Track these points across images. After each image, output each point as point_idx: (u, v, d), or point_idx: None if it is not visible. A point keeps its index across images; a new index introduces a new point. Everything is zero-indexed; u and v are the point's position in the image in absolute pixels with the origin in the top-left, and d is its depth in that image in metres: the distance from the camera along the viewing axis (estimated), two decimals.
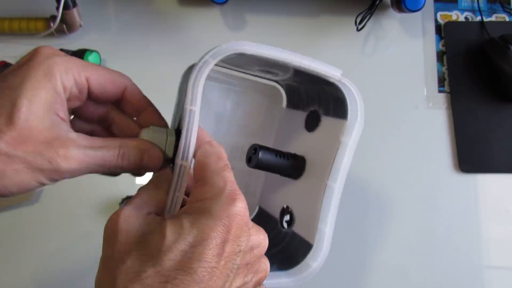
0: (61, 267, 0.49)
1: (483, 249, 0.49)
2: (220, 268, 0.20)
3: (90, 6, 0.57)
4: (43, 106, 0.22)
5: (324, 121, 0.34)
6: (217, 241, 0.20)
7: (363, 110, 0.31)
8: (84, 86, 0.25)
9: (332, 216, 0.30)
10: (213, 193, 0.22)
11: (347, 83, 0.31)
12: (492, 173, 0.52)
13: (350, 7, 0.56)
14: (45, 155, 0.21)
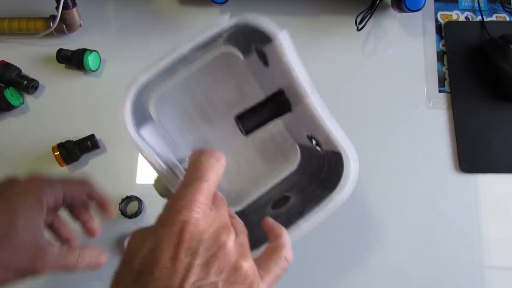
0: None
1: (483, 249, 0.49)
2: (177, 267, 0.23)
3: (90, 6, 0.57)
4: (34, 226, 0.30)
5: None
6: (171, 244, 0.23)
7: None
8: (60, 201, 0.34)
9: (331, 123, 0.33)
10: (176, 200, 0.25)
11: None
12: (493, 173, 0.52)
13: (350, 7, 0.56)
14: (30, 264, 0.30)
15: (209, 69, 0.39)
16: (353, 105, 0.54)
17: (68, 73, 0.55)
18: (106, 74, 0.55)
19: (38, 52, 0.56)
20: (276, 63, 0.33)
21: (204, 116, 0.40)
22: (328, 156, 0.35)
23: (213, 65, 0.39)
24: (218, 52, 0.39)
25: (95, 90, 0.55)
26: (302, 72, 0.32)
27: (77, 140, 0.51)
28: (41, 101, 0.54)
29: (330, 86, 0.55)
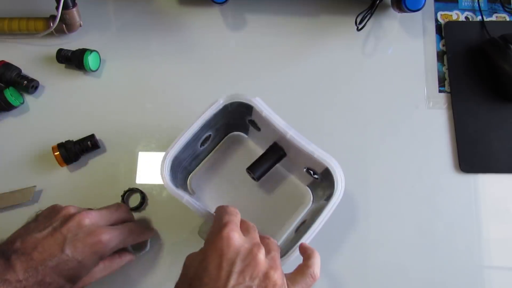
0: None
1: (483, 249, 0.49)
2: (221, 275, 0.30)
3: (90, 6, 0.57)
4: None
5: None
6: (215, 257, 0.31)
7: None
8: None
9: (312, 146, 0.41)
10: (213, 228, 0.34)
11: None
12: (493, 173, 0.52)
13: (350, 7, 0.56)
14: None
15: (223, 148, 0.52)
16: (353, 105, 0.54)
17: (68, 73, 0.55)
18: (106, 74, 0.55)
19: (38, 52, 0.56)
20: (262, 122, 0.43)
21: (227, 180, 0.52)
22: (324, 177, 0.43)
23: (225, 144, 0.53)
24: (227, 137, 0.53)
25: (95, 90, 0.55)
26: (278, 119, 0.41)
27: (77, 140, 0.51)
28: (41, 101, 0.54)
29: (330, 86, 0.55)
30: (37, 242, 0.36)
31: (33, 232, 0.37)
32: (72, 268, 0.37)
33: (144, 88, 0.55)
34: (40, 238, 0.37)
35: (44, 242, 0.36)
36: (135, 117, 0.53)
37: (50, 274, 0.35)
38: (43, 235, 0.37)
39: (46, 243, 0.36)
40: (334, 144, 0.52)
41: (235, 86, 0.55)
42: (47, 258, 0.36)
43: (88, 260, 0.37)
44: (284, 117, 0.53)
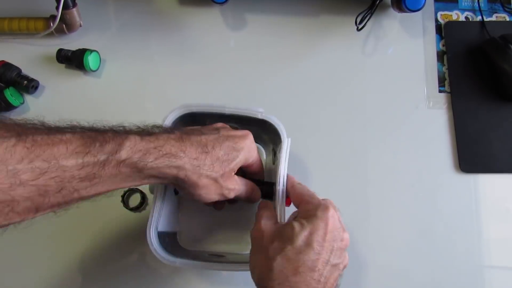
0: (62, 267, 0.49)
1: (483, 249, 0.49)
2: (325, 246, 0.34)
3: (90, 6, 0.57)
4: (239, 166, 0.39)
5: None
6: (322, 231, 0.35)
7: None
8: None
9: (247, 109, 0.43)
10: (315, 206, 0.36)
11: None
12: (493, 173, 0.52)
13: (350, 7, 0.56)
14: (226, 187, 0.39)
15: None
16: (353, 105, 0.54)
17: (68, 73, 0.55)
18: (106, 74, 0.55)
19: (38, 52, 0.56)
20: (204, 118, 0.44)
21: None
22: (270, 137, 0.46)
23: None
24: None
25: (95, 90, 0.55)
26: (211, 104, 0.43)
27: None
28: (41, 101, 0.54)
29: (330, 86, 0.55)
30: (191, 128, 0.39)
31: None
32: (229, 146, 0.38)
33: (144, 88, 0.55)
34: (194, 127, 0.40)
35: (199, 128, 0.39)
36: (135, 117, 0.53)
37: (210, 140, 0.37)
38: (195, 127, 0.40)
39: (202, 129, 0.39)
40: (334, 144, 0.53)
41: (235, 86, 0.55)
42: (206, 132, 0.38)
43: (240, 146, 0.39)
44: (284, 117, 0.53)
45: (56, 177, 0.29)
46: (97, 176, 0.31)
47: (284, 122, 0.53)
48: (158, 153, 0.33)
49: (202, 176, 0.36)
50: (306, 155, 0.52)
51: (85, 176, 0.30)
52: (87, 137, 0.31)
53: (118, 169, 0.32)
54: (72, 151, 0.30)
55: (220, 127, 0.40)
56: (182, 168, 0.35)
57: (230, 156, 0.38)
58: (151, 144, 0.33)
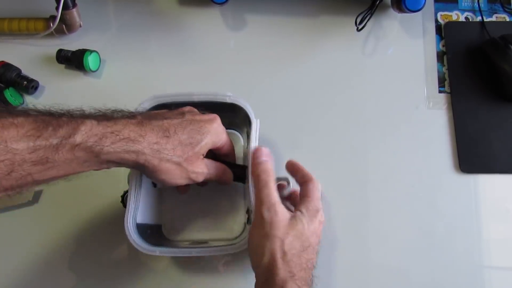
0: (62, 267, 0.49)
1: (483, 249, 0.49)
2: (318, 237, 0.39)
3: (90, 6, 0.57)
4: (205, 149, 0.39)
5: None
6: (317, 223, 0.39)
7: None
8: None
9: (215, 94, 0.43)
10: (317, 198, 0.41)
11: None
12: (493, 173, 0.52)
13: (350, 7, 0.56)
14: (192, 171, 0.38)
15: None
16: (353, 105, 0.54)
17: (68, 74, 0.55)
18: (106, 75, 0.55)
19: (38, 53, 0.56)
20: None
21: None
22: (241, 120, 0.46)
23: None
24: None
25: (95, 90, 0.54)
26: (178, 93, 0.43)
27: None
28: (41, 102, 0.54)
29: (330, 86, 0.55)
30: (155, 112, 0.39)
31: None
32: (193, 129, 0.38)
33: (144, 88, 0.55)
34: (158, 111, 0.40)
35: (163, 113, 0.39)
36: None
37: (173, 124, 0.37)
38: (160, 111, 0.40)
39: (166, 113, 0.39)
40: (334, 144, 0.53)
41: (234, 86, 0.55)
42: (169, 116, 0.38)
43: (206, 130, 0.39)
44: (283, 117, 0.53)
45: (5, 160, 0.29)
46: (50, 160, 0.31)
47: (284, 122, 0.53)
48: (115, 137, 0.33)
49: (162, 160, 0.36)
50: (306, 155, 0.52)
51: (37, 159, 0.30)
52: (41, 121, 0.31)
53: (73, 153, 0.31)
54: (23, 134, 0.29)
55: (187, 111, 0.40)
56: (141, 153, 0.34)
57: (194, 139, 0.37)
58: (108, 129, 0.33)
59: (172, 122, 0.37)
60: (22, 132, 0.29)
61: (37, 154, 0.30)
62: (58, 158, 0.31)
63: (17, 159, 0.29)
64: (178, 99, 0.42)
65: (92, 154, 0.32)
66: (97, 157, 0.33)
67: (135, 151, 0.34)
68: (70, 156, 0.31)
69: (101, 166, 0.34)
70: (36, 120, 0.30)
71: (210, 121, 0.39)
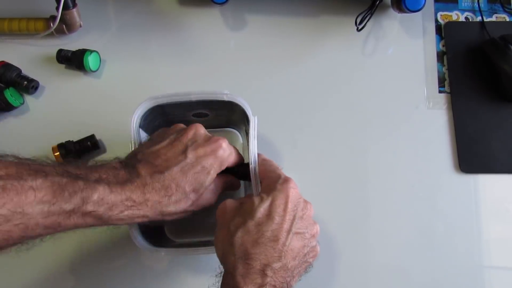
0: (62, 266, 0.49)
1: (483, 249, 0.49)
2: (286, 217, 0.35)
3: (90, 6, 0.57)
4: (212, 180, 0.39)
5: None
6: (282, 202, 0.35)
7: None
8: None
9: (213, 93, 0.42)
10: (275, 180, 0.37)
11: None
12: (493, 173, 0.52)
13: (350, 7, 0.56)
14: (199, 205, 0.39)
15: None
16: (353, 105, 0.54)
17: (68, 74, 0.55)
18: (106, 74, 0.55)
19: (38, 53, 0.56)
20: (174, 110, 0.44)
21: None
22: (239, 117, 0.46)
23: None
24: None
25: (95, 91, 0.55)
26: (175, 93, 0.42)
27: (77, 141, 0.51)
28: (41, 102, 0.54)
29: (330, 86, 0.55)
30: (158, 152, 0.38)
31: (152, 146, 0.38)
32: (197, 173, 0.37)
33: (144, 88, 0.55)
34: (160, 148, 0.38)
35: (165, 151, 0.38)
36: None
37: (175, 178, 0.37)
38: (162, 146, 0.38)
39: (168, 152, 0.38)
40: (334, 144, 0.53)
41: (234, 86, 0.55)
42: (171, 163, 0.37)
43: (210, 165, 0.38)
44: (284, 117, 0.53)
45: (20, 224, 0.30)
46: (61, 224, 0.32)
47: (284, 122, 0.53)
48: (124, 207, 0.35)
49: (165, 214, 0.37)
50: (306, 155, 0.52)
51: (49, 224, 0.32)
52: (57, 185, 0.32)
53: (84, 219, 0.33)
54: (39, 199, 0.30)
55: (190, 141, 0.39)
56: (145, 217, 0.36)
57: (198, 184, 0.38)
58: (119, 197, 0.34)
59: (173, 174, 0.37)
60: (39, 197, 0.30)
61: (50, 219, 0.31)
62: (69, 223, 0.33)
63: (31, 223, 0.30)
64: (176, 100, 0.42)
65: (101, 221, 0.34)
66: (104, 223, 0.35)
67: (140, 216, 0.36)
68: (80, 222, 0.33)
69: (104, 225, 0.36)
70: (53, 183, 0.31)
71: (215, 151, 0.39)
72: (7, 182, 0.29)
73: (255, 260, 0.33)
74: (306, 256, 0.36)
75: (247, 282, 0.32)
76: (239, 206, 0.37)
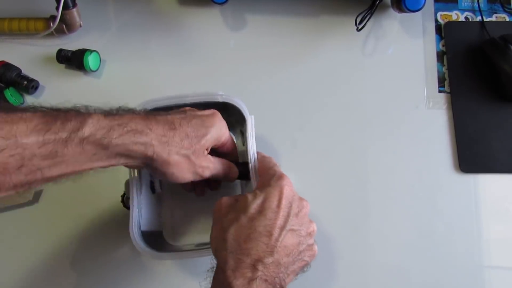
0: (62, 266, 0.49)
1: (483, 249, 0.49)
2: (280, 213, 0.35)
3: (90, 6, 0.57)
4: (210, 144, 0.39)
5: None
6: (275, 198, 0.35)
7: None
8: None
9: (208, 94, 0.43)
10: (270, 176, 0.38)
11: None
12: (493, 173, 0.52)
13: (350, 7, 0.56)
14: (199, 165, 0.38)
15: None
16: (353, 105, 0.54)
17: (68, 73, 0.55)
18: (106, 74, 0.55)
19: (38, 52, 0.56)
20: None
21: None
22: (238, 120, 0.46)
23: None
24: None
25: (95, 90, 0.55)
26: (170, 96, 0.43)
27: None
28: (41, 102, 0.54)
29: (330, 86, 0.55)
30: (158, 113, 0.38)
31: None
32: (197, 124, 0.37)
33: (144, 88, 0.55)
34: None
35: (170, 111, 0.39)
36: None
37: (177, 118, 0.37)
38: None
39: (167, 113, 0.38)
40: (334, 144, 0.53)
41: (234, 86, 0.55)
42: (172, 113, 0.38)
43: (210, 123, 0.38)
44: (283, 117, 0.53)
45: (15, 155, 0.29)
46: (59, 154, 0.30)
47: (284, 122, 0.53)
48: (122, 129, 0.33)
49: (171, 152, 0.36)
50: (306, 155, 0.52)
51: (46, 154, 0.30)
52: (49, 116, 0.30)
53: (82, 147, 0.31)
54: (32, 128, 0.29)
55: (188, 109, 0.40)
56: (149, 145, 0.34)
57: (199, 132, 0.37)
58: (115, 122, 0.33)
59: (176, 116, 0.37)
60: (31, 127, 0.29)
61: (47, 148, 0.30)
62: (67, 152, 0.31)
63: (27, 153, 0.29)
64: (171, 102, 0.42)
65: (101, 147, 0.32)
66: (105, 150, 0.32)
67: (144, 142, 0.34)
68: (79, 150, 0.31)
69: (109, 160, 0.34)
70: (44, 114, 0.30)
71: (212, 115, 0.40)
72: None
73: (247, 255, 0.33)
74: (301, 254, 0.36)
75: (237, 275, 0.32)
76: (234, 202, 0.37)
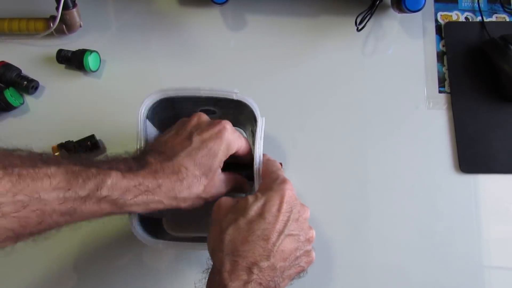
0: (62, 266, 0.49)
1: (483, 249, 0.49)
2: (279, 217, 0.35)
3: (90, 6, 0.57)
4: (221, 161, 0.39)
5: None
6: (276, 202, 0.35)
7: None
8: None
9: (223, 90, 0.42)
10: (272, 180, 0.38)
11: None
12: (493, 173, 0.52)
13: (350, 7, 0.56)
14: (210, 196, 0.39)
15: None
16: (353, 105, 0.54)
17: (68, 74, 0.55)
18: (106, 75, 0.55)
19: (38, 53, 0.56)
20: (182, 106, 0.45)
21: None
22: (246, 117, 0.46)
23: None
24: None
25: (95, 91, 0.55)
26: (186, 89, 0.42)
27: (77, 141, 0.51)
28: (41, 102, 0.54)
29: (330, 86, 0.55)
30: (165, 142, 0.39)
31: (159, 138, 0.40)
32: (204, 156, 0.37)
33: (144, 88, 0.54)
34: (167, 138, 0.39)
35: (171, 139, 0.39)
36: (135, 117, 0.53)
37: (183, 163, 0.37)
38: (168, 136, 0.40)
39: (174, 140, 0.39)
40: (334, 144, 0.53)
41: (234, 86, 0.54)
42: (178, 149, 0.38)
43: (217, 147, 0.38)
44: (283, 117, 0.53)
45: (37, 210, 0.30)
46: (77, 211, 0.33)
47: (283, 122, 0.53)
48: (137, 191, 0.35)
49: (180, 200, 0.37)
50: (306, 155, 0.52)
51: (65, 210, 0.32)
52: (71, 172, 0.32)
53: (99, 205, 0.34)
54: (55, 186, 0.31)
55: (194, 127, 0.39)
56: (160, 202, 0.37)
57: (206, 166, 0.38)
58: (131, 182, 0.35)
59: (181, 160, 0.37)
60: (54, 184, 0.31)
61: (66, 205, 0.32)
62: (84, 209, 0.33)
63: (48, 209, 0.31)
64: (185, 94, 0.42)
65: (116, 206, 0.35)
66: (120, 208, 0.35)
67: (154, 201, 0.36)
68: (96, 208, 0.33)
69: (121, 214, 0.36)
70: (67, 170, 0.32)
71: (220, 133, 0.39)
72: (22, 169, 0.30)
73: (243, 258, 0.33)
74: (298, 259, 0.36)
75: (233, 278, 0.32)
76: (234, 204, 0.37)
